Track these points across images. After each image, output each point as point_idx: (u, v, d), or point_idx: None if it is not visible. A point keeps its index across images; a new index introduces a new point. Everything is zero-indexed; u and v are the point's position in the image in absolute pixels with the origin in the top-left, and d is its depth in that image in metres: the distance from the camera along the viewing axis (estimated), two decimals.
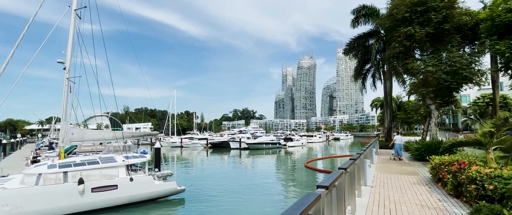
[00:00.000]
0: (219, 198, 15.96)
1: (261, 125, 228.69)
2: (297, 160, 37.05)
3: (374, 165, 13.45)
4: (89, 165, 13.18)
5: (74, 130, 15.31)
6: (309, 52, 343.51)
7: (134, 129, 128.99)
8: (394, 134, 20.58)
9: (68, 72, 15.38)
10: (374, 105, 56.03)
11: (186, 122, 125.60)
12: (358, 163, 6.32)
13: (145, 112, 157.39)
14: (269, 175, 24.20)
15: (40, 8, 14.98)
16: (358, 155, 5.78)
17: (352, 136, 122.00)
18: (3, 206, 10.25)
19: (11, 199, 10.68)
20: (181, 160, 39.58)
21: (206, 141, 59.66)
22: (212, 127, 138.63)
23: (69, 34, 15.60)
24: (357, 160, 5.65)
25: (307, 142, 69.26)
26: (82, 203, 12.12)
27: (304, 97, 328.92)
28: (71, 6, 15.76)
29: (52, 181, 12.07)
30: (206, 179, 22.62)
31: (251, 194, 17.08)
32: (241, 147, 51.83)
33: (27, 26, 14.18)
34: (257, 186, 19.32)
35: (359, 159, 6.12)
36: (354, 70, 22.87)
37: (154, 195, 14.34)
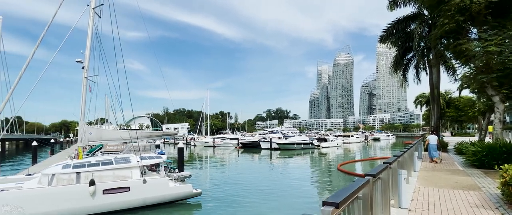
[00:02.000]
0: (239, 202, 14.79)
1: (295, 125, 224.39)
2: (330, 162, 34.54)
3: (416, 173, 10.69)
4: (103, 165, 12.79)
5: (92, 129, 15.20)
6: (346, 49, 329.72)
7: (173, 129, 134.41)
8: (428, 134, 17.53)
9: (86, 71, 15.30)
10: (419, 102, 50.69)
11: (220, 122, 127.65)
12: (390, 174, 4.48)
13: (183, 113, 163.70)
14: (297, 178, 22.44)
15: (59, 9, 15.05)
16: (382, 168, 3.86)
17: (394, 136, 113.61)
18: (2, 206, 10.06)
19: (15, 200, 10.49)
20: (212, 159, 39.31)
21: (237, 141, 59.26)
22: (245, 127, 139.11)
23: (88, 33, 15.53)
24: (382, 173, 3.82)
25: (343, 143, 65.49)
26: (92, 205, 11.68)
27: (340, 96, 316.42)
28: (89, 5, 15.69)
29: (65, 182, 11.81)
30: (231, 180, 21.61)
31: (271, 198, 15.60)
32: (271, 147, 50.36)
33: (46, 27, 14.29)
34: (281, 189, 17.76)
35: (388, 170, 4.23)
36: (393, 61, 19.85)
37: (168, 198, 13.54)
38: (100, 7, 16.19)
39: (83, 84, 15.19)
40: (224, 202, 14.89)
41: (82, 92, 15.08)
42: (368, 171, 4.14)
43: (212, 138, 65.57)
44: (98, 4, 15.70)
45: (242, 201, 15.07)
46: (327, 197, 2.36)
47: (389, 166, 4.50)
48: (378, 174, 3.80)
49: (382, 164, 4.76)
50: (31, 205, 10.64)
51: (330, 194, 16.70)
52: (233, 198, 15.64)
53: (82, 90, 15.09)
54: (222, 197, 15.95)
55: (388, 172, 4.30)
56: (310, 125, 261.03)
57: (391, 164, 4.93)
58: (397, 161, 5.25)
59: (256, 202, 14.94)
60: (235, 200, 15.23)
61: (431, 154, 14.48)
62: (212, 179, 22.70)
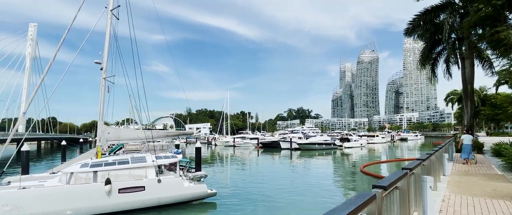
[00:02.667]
0: (256, 203, 14.42)
1: (317, 124, 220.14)
2: (353, 162, 33.18)
3: (446, 178, 9.43)
4: (119, 164, 12.91)
5: (110, 129, 15.48)
6: (371, 45, 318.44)
7: (195, 128, 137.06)
8: (461, 133, 15.99)
9: (104, 72, 15.61)
10: (450, 100, 47.26)
11: (241, 122, 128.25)
12: (412, 181, 3.77)
13: (205, 113, 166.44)
14: (317, 179, 21.62)
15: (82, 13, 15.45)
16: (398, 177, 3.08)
17: (422, 136, 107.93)
18: (2, 206, 10.29)
19: (35, 197, 10.77)
20: (231, 159, 39.27)
21: (257, 140, 58.95)
22: (266, 126, 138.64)
23: (106, 35, 15.84)
24: (400, 182, 3.11)
25: (367, 143, 63.05)
26: (108, 204, 11.79)
27: (365, 94, 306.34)
28: (107, 7, 16.00)
29: (82, 180, 12.03)
30: (249, 180, 21.26)
31: (289, 199, 15.02)
32: (291, 147, 49.50)
33: (66, 30, 14.70)
34: (300, 190, 17.10)
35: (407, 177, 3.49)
36: (420, 55, 18.27)
37: (182, 198, 13.42)
38: (118, 9, 16.49)
39: (101, 85, 15.51)
40: (240, 202, 14.55)
41: (100, 93, 15.40)
42: (387, 175, 3.56)
43: (232, 137, 65.83)
44: (115, 6, 15.97)
45: (258, 202, 14.66)
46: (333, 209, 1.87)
47: (409, 172, 3.83)
48: (392, 185, 3.19)
49: (399, 171, 4.12)
50: (49, 202, 10.90)
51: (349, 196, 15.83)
52: (249, 198, 15.27)
53: (100, 91, 15.42)
54: (238, 197, 15.62)
55: (408, 180, 3.64)
56: (332, 124, 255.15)
57: (413, 169, 4.22)
58: (421, 165, 4.48)
59: (273, 203, 14.48)
60: (251, 200, 14.85)
61: (464, 155, 13.49)
62: (230, 179, 22.50)
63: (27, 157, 19.19)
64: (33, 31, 76.61)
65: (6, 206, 10.26)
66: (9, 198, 10.40)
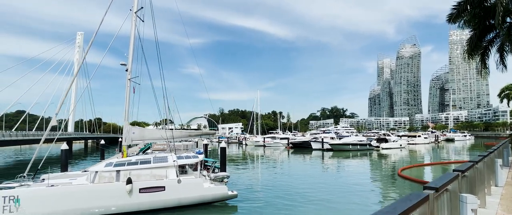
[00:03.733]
0: (280, 206, 13.73)
1: (353, 124, 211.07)
2: (390, 165, 30.77)
3: (499, 190, 7.49)
4: (141, 164, 13.02)
5: (134, 129, 15.78)
6: (412, 39, 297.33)
7: (227, 128, 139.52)
8: None
9: (130, 73, 15.95)
10: (505, 96, 41.67)
11: (272, 122, 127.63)
12: (446, 200, 2.76)
13: (237, 113, 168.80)
14: (349, 182, 20.17)
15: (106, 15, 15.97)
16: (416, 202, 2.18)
17: (472, 136, 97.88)
18: (31, 203, 10.68)
19: (61, 195, 11.15)
20: (260, 159, 38.78)
21: (287, 140, 57.80)
22: (298, 126, 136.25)
23: (131, 37, 16.19)
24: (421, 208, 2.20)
25: (407, 144, 58.59)
26: (129, 203, 11.88)
27: (405, 92, 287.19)
28: (132, 9, 16.36)
29: (106, 179, 12.28)
30: (276, 181, 20.51)
31: (316, 202, 14.00)
32: (323, 147, 47.62)
33: (94, 34, 15.29)
34: (329, 194, 15.94)
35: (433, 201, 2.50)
36: (467, 43, 15.82)
37: (202, 199, 13.15)
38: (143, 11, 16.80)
39: (127, 86, 15.87)
40: (263, 206, 13.90)
41: (126, 93, 15.77)
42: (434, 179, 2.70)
43: (262, 137, 65.40)
44: (139, 8, 16.27)
45: (283, 206, 13.88)
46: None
47: (460, 175, 2.85)
48: (443, 187, 2.44)
49: (450, 173, 3.16)
50: (74, 200, 11.25)
51: (385, 202, 14.35)
52: (274, 202, 14.54)
53: (126, 92, 15.78)
54: (262, 200, 14.97)
55: (459, 182, 2.71)
56: (369, 124, 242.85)
57: (465, 171, 3.18)
58: (460, 177, 3.30)
59: (298, 207, 13.63)
60: (275, 204, 14.12)
61: None
62: (256, 180, 21.91)
63: (66, 155, 20.47)
64: (80, 39, 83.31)
65: (34, 202, 10.77)
66: (37, 195, 10.90)
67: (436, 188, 1.73)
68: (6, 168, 32.29)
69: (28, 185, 11.72)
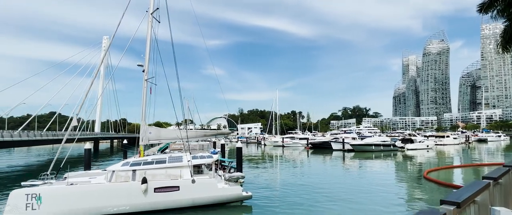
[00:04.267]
0: (296, 208, 13.26)
1: (376, 124, 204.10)
2: (415, 167, 29.21)
3: None
4: (156, 164, 13.13)
5: (151, 129, 16.00)
6: (439, 35, 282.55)
7: (247, 128, 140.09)
8: None
9: (146, 74, 16.19)
10: None
11: (291, 122, 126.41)
12: None
13: (256, 113, 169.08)
14: (370, 184, 19.27)
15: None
16: None
17: (507, 136, 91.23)
18: (51, 200, 10.99)
19: (79, 193, 11.43)
20: (278, 159, 38.32)
21: (307, 141, 56.82)
22: (318, 126, 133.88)
23: (147, 38, 16.43)
24: None
25: (435, 144, 55.65)
26: (144, 202, 11.99)
27: (433, 90, 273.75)
28: (148, 10, 16.60)
29: (122, 179, 12.48)
30: (294, 182, 20.00)
31: (336, 206, 13.42)
32: (344, 148, 46.26)
33: (112, 36, 15.65)
34: (349, 196, 15.26)
35: None
36: (501, 36, 14.40)
37: (215, 199, 13.02)
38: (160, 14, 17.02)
39: (143, 87, 16.12)
40: (279, 206, 13.54)
41: (142, 94, 16.01)
42: None
43: (281, 137, 64.80)
44: (154, 9, 16.48)
45: (300, 206, 13.46)
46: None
47: (493, 182, 2.33)
48: (468, 201, 1.94)
49: (479, 181, 2.67)
50: (91, 198, 11.51)
51: (408, 208, 13.47)
52: (290, 203, 14.14)
53: (142, 93, 16.03)
54: (278, 201, 14.59)
55: (491, 193, 2.21)
56: (394, 123, 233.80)
57: (498, 179, 2.64)
58: (491, 186, 2.74)
59: (316, 209, 13.15)
60: (292, 205, 13.73)
61: None
62: (273, 180, 21.53)
63: (89, 154, 21.21)
64: (106, 43, 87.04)
65: (54, 200, 11.13)
66: (58, 193, 11.26)
67: (457, 204, 1.25)
68: (39, 165, 34.18)
69: (50, 183, 12.16)
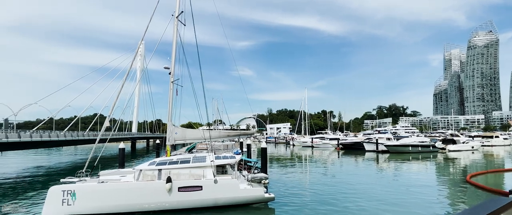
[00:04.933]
0: (320, 212, 12.74)
1: (414, 123, 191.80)
2: (458, 170, 26.83)
3: None
4: (181, 163, 13.42)
5: (177, 129, 16.42)
6: (487, 26, 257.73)
7: (275, 128, 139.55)
8: None
9: (172, 76, 16.67)
10: None
11: (322, 122, 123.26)
12: None
13: (285, 113, 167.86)
14: (405, 187, 17.99)
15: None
16: None
17: None
18: (98, 196, 11.63)
19: (109, 191, 12.01)
20: (307, 160, 37.51)
21: (337, 141, 54.97)
22: (351, 126, 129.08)
23: (173, 41, 16.92)
24: None
25: (481, 145, 50.78)
26: (169, 201, 12.29)
27: (479, 86, 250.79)
28: (173, 14, 17.10)
29: (149, 177, 12.93)
30: (321, 185, 19.36)
31: (366, 211, 12.65)
32: (378, 149, 43.97)
33: (140, 41, 16.32)
34: (381, 202, 14.34)
35: None
36: None
37: (237, 200, 12.97)
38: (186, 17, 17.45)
39: (170, 89, 16.63)
40: (303, 209, 13.14)
41: (169, 96, 16.52)
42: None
43: (310, 137, 63.44)
44: (179, 13, 16.92)
45: (326, 210, 12.93)
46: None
47: None
48: None
49: None
50: (119, 196, 12.05)
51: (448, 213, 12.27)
52: (316, 206, 13.65)
53: (169, 94, 16.53)
54: (303, 203, 14.18)
55: None
56: (435, 123, 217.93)
57: None
58: None
59: (343, 213, 12.52)
60: (317, 208, 13.24)
61: None
62: (299, 181, 21.02)
63: (123, 153, 22.40)
64: (142, 48, 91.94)
65: (87, 197, 11.83)
66: (90, 190, 11.95)
67: None
68: (82, 163, 37.01)
69: (84, 180, 12.97)
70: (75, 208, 11.71)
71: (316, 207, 13.50)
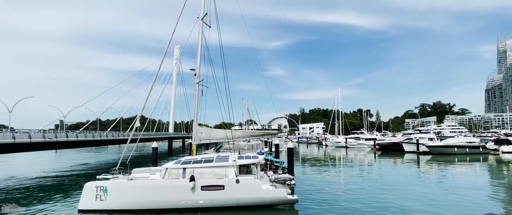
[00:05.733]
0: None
1: (463, 122, 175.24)
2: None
3: None
4: (204, 163, 13.60)
5: (202, 129, 16.68)
6: None
7: (308, 128, 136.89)
8: None
9: (198, 77, 17.00)
10: None
11: (358, 121, 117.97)
12: None
13: (318, 112, 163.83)
14: (451, 193, 16.32)
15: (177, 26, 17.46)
16: None
17: None
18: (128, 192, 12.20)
19: (137, 188, 12.52)
20: (340, 161, 36.08)
21: (374, 141, 52.13)
22: (390, 125, 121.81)
23: (198, 42, 17.26)
24: None
25: None
26: (191, 199, 12.49)
27: None
28: (198, 17, 17.44)
29: (174, 176, 13.29)
30: (351, 188, 18.37)
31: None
32: (418, 150, 40.84)
33: (167, 45, 16.90)
34: (415, 209, 13.15)
35: None
36: None
37: (259, 201, 12.76)
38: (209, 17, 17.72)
39: (195, 89, 16.98)
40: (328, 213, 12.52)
41: (194, 96, 16.87)
42: None
43: (344, 137, 60.99)
44: (204, 15, 17.20)
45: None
46: None
47: None
48: None
49: None
50: (146, 193, 12.53)
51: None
52: (345, 210, 12.91)
53: (194, 95, 16.88)
54: (329, 207, 13.51)
55: None
56: (487, 121, 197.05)
57: None
58: None
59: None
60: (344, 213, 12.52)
61: None
62: (329, 183, 20.04)
63: (156, 152, 23.49)
64: (177, 52, 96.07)
65: (117, 193, 12.48)
66: (119, 187, 12.59)
67: None
68: (125, 160, 39.56)
69: (117, 177, 13.73)
70: (106, 204, 12.42)
71: (344, 211, 12.77)
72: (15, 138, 22.95)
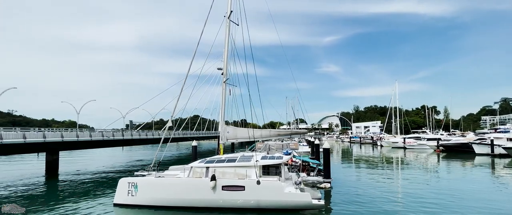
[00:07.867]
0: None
1: None
2: None
3: None
4: (227, 162, 13.39)
5: (229, 128, 16.51)
6: None
7: (363, 127, 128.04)
8: None
9: (225, 76, 16.92)
10: None
11: (422, 119, 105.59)
12: None
13: (375, 110, 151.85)
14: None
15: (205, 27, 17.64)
16: None
17: None
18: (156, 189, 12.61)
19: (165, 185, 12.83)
20: (393, 164, 32.60)
21: (437, 142, 45.89)
22: (461, 123, 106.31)
23: (225, 41, 17.19)
24: None
25: None
26: (212, 198, 12.33)
27: None
28: (225, 16, 17.37)
29: (198, 175, 13.35)
30: (404, 196, 15.89)
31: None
32: (493, 152, 34.55)
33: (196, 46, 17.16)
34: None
35: None
36: None
37: (281, 204, 11.94)
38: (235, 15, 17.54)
39: (223, 88, 16.92)
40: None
41: (222, 95, 16.82)
42: None
43: (402, 137, 55.13)
44: (229, 13, 17.04)
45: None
46: None
47: None
48: None
49: None
50: (171, 190, 12.79)
51: None
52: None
53: (222, 94, 16.84)
54: None
55: None
56: None
57: None
58: None
59: None
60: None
61: None
62: (373, 189, 17.54)
63: (195, 151, 24.23)
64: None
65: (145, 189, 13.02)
66: (148, 183, 13.12)
67: None
68: (179, 157, 42.32)
69: (150, 174, 14.39)
70: (137, 199, 13.06)
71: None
72: (92, 136, 27.26)
